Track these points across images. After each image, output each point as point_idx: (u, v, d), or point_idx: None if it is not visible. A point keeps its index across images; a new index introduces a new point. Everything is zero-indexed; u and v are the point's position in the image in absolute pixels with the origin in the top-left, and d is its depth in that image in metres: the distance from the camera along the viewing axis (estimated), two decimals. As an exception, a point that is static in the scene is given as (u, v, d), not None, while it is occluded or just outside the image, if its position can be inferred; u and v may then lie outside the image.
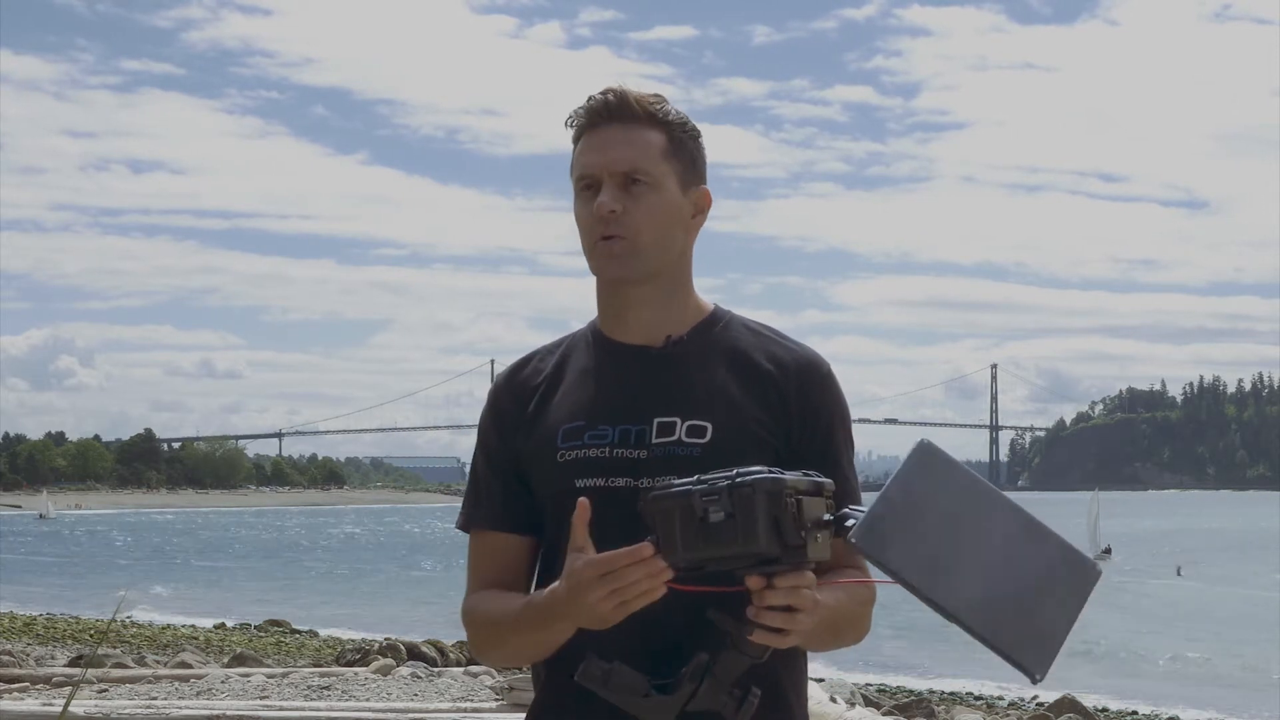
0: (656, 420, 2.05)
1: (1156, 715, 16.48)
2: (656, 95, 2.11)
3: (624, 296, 2.12)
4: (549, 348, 2.22)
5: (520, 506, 2.14)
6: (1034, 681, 1.69)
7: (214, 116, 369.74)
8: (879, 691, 15.56)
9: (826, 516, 1.80)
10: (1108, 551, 46.42)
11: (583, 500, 1.90)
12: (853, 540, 1.69)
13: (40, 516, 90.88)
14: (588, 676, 1.87)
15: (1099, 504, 47.53)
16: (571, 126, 2.12)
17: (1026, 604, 1.70)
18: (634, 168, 2.05)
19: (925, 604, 1.68)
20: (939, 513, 1.72)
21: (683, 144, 2.10)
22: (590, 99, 2.10)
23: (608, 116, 2.07)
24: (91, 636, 19.63)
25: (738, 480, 1.76)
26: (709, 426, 2.05)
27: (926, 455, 1.74)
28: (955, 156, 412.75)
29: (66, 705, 2.72)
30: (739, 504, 1.75)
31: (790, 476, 1.77)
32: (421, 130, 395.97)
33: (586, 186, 2.08)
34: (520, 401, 2.16)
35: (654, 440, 2.05)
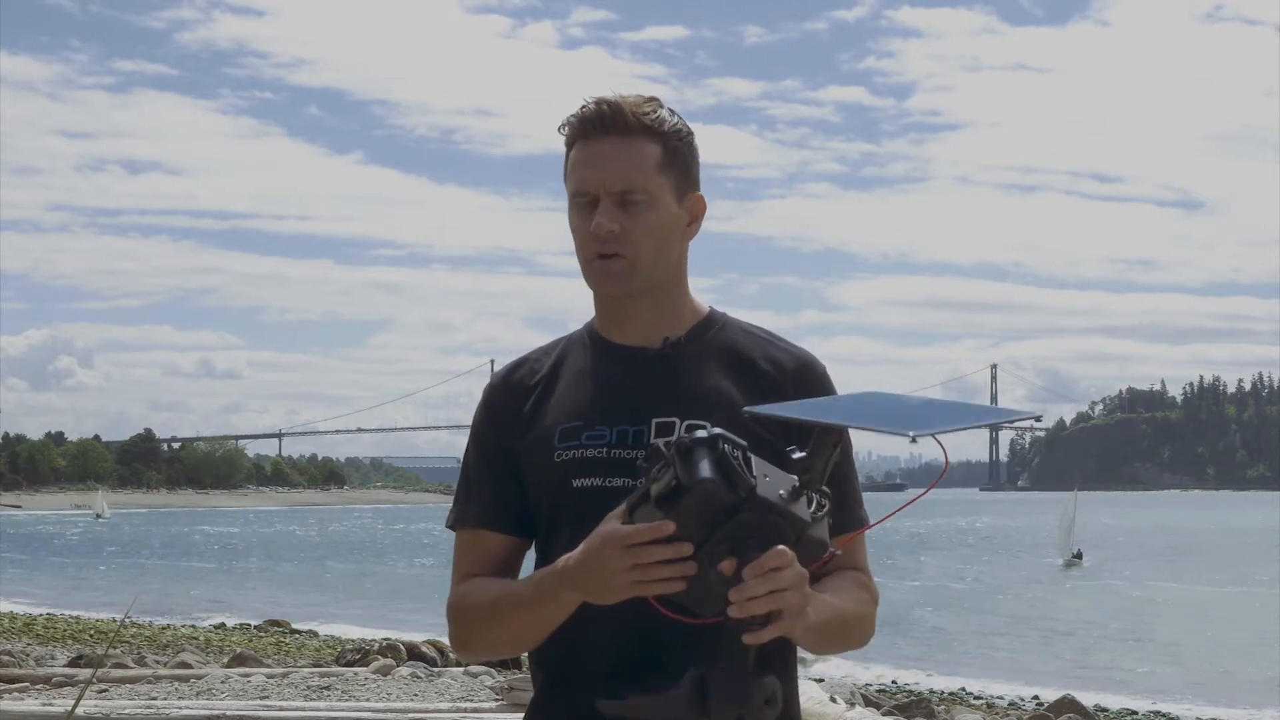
0: (655, 421, 2.05)
1: (1156, 715, 16.47)
2: (651, 100, 2.08)
3: (623, 307, 2.12)
4: (545, 349, 2.21)
5: (512, 505, 2.13)
6: (911, 441, 1.71)
7: (209, 117, 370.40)
8: (879, 691, 15.55)
9: (795, 483, 1.79)
10: (1079, 556, 45.65)
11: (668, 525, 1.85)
12: (745, 412, 1.86)
13: (97, 517, 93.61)
14: (610, 709, 1.85)
15: (1076, 505, 46.53)
16: (564, 132, 2.09)
17: (915, 408, 1.80)
18: (630, 186, 2.03)
19: (811, 426, 1.81)
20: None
21: (677, 152, 2.07)
22: (584, 107, 2.07)
23: (602, 128, 2.04)
24: (91, 636, 19.63)
25: (672, 439, 1.78)
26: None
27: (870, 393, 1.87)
28: (950, 157, 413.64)
29: (75, 705, 2.71)
30: (680, 456, 1.76)
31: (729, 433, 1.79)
32: (416, 131, 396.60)
33: (584, 204, 2.06)
34: (516, 400, 2.15)
35: (653, 441, 2.04)
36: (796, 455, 1.83)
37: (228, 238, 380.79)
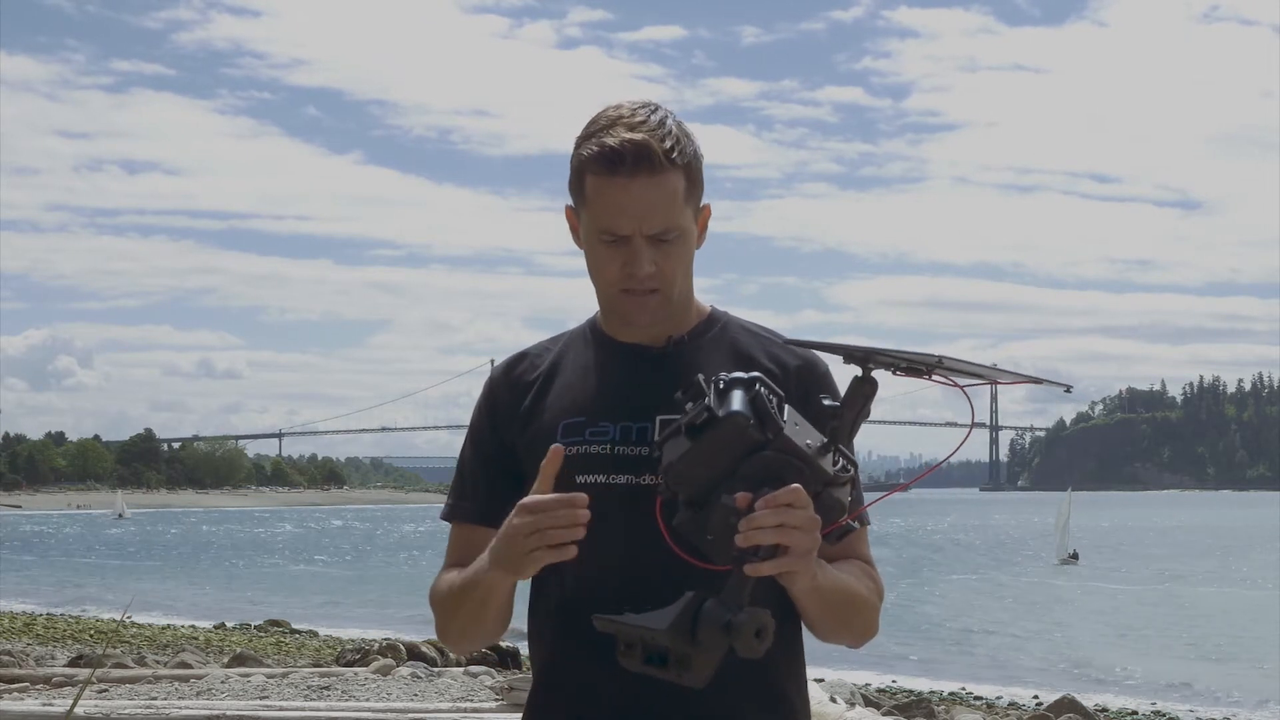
0: (660, 418, 2.04)
1: (1156, 715, 16.47)
2: (670, 133, 2.02)
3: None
4: (547, 343, 2.22)
5: (506, 502, 2.10)
6: (937, 363, 1.82)
7: (207, 117, 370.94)
8: (879, 691, 15.55)
9: (823, 440, 1.82)
10: (1074, 557, 45.57)
11: (556, 448, 1.94)
12: (785, 341, 2.11)
13: (119, 516, 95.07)
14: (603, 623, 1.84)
15: (1071, 506, 46.46)
16: (583, 157, 2.03)
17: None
18: (666, 227, 2.02)
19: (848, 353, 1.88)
20: None
21: (695, 178, 2.06)
22: (608, 138, 2.01)
23: (634, 167, 2.00)
24: (91, 636, 19.62)
25: (714, 377, 1.83)
26: None
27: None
28: (947, 157, 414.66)
29: (74, 705, 2.70)
30: (716, 395, 1.80)
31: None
32: (414, 131, 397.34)
33: (612, 241, 2.04)
34: (517, 395, 2.16)
35: (656, 438, 2.05)
36: (828, 403, 1.85)
37: (226, 238, 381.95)
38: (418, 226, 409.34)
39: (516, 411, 2.14)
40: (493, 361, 2.28)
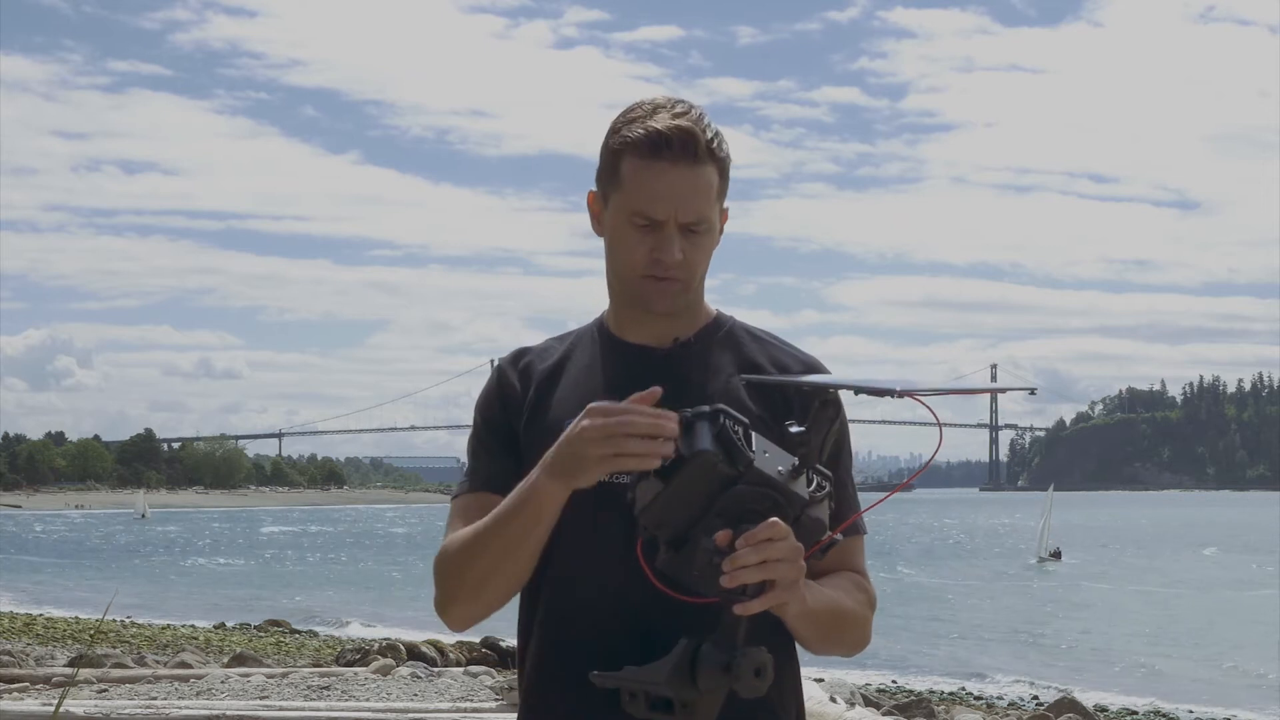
0: None
1: (1156, 715, 16.48)
2: (709, 126, 2.04)
3: (653, 314, 2.11)
4: (556, 339, 2.22)
5: (514, 474, 2.08)
6: (896, 396, 1.79)
7: (205, 117, 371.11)
8: (879, 691, 15.55)
9: (795, 462, 1.80)
10: (1056, 555, 45.71)
11: (655, 389, 1.84)
12: (740, 379, 2.04)
13: (141, 516, 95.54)
14: (603, 679, 1.85)
15: (1052, 505, 46.71)
16: (623, 138, 2.04)
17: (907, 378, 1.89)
18: (699, 218, 2.03)
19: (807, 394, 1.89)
20: None
21: (726, 177, 2.08)
22: (654, 122, 2.02)
23: (679, 153, 2.01)
24: (91, 636, 19.61)
25: (679, 413, 1.79)
26: None
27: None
28: (944, 157, 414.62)
29: (59, 704, 2.71)
30: (683, 427, 1.78)
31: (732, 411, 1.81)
32: (411, 131, 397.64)
33: (644, 225, 2.04)
34: (524, 383, 2.15)
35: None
36: (794, 429, 1.84)
37: (225, 238, 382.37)
38: (416, 226, 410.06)
39: (523, 401, 2.14)
40: (493, 362, 2.27)
